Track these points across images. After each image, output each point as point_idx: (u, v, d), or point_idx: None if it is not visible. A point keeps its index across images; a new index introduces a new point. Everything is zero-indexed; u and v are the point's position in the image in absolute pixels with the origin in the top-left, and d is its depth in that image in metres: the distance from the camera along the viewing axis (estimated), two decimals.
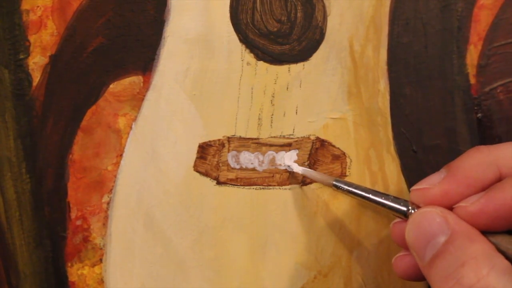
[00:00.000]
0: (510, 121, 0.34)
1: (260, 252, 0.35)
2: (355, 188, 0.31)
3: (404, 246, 0.30)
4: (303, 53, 0.35)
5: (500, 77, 0.34)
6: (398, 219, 0.30)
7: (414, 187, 0.29)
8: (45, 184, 0.36)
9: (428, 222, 0.26)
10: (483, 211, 0.26)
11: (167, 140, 0.35)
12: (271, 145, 0.35)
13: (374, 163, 0.35)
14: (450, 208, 0.27)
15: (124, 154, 0.36)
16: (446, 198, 0.27)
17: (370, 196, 0.30)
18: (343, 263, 0.35)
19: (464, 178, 0.27)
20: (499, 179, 0.27)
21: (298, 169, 0.34)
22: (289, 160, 0.35)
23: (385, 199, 0.30)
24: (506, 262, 0.24)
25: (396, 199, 0.29)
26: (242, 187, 0.35)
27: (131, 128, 0.36)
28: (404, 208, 0.29)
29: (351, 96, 0.35)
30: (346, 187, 0.31)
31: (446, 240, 0.25)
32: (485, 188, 0.27)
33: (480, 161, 0.28)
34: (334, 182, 0.32)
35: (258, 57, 0.35)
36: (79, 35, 0.36)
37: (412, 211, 0.28)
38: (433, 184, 0.28)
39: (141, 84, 0.36)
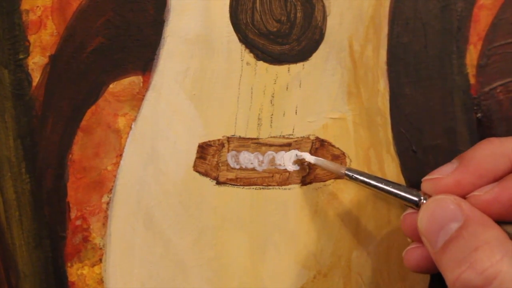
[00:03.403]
0: (510, 121, 0.34)
1: (260, 252, 0.35)
2: (367, 178, 0.31)
3: (414, 237, 0.30)
4: (303, 53, 0.35)
5: (499, 77, 0.34)
6: (409, 211, 0.30)
7: (426, 177, 0.29)
8: (45, 184, 0.36)
9: (442, 209, 0.26)
10: (497, 200, 0.26)
11: (166, 140, 0.36)
12: (270, 145, 0.35)
13: (374, 163, 0.35)
14: (463, 198, 0.27)
15: (123, 154, 0.36)
16: (458, 188, 0.28)
17: (382, 185, 0.30)
18: (343, 263, 0.35)
19: (476, 169, 0.28)
20: (511, 170, 0.27)
21: (310, 158, 0.34)
22: (292, 157, 0.35)
23: (397, 189, 0.30)
24: None
25: (408, 189, 0.29)
26: (242, 187, 0.35)
27: (130, 128, 0.36)
28: (416, 198, 0.29)
29: (351, 96, 0.35)
30: (358, 176, 0.31)
31: (460, 226, 0.25)
32: (497, 179, 0.27)
33: (492, 152, 0.28)
34: (346, 172, 0.31)
35: (258, 57, 0.35)
36: (79, 35, 0.36)
37: (424, 201, 0.28)
38: (445, 174, 0.28)
39: (141, 84, 0.36)
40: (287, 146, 0.35)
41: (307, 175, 0.35)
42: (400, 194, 0.30)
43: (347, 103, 0.35)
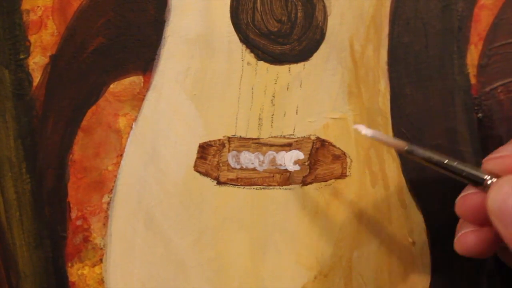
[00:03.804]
0: (510, 121, 0.34)
1: (260, 252, 0.35)
2: (430, 154, 0.29)
3: (472, 219, 0.29)
4: (304, 53, 0.35)
5: (500, 77, 0.34)
6: (470, 190, 0.29)
7: (489, 157, 0.28)
8: (46, 184, 0.36)
9: None
10: None
11: (167, 140, 0.36)
12: (271, 145, 0.35)
13: (375, 163, 0.35)
14: None
15: (124, 154, 0.36)
16: None
17: (446, 162, 0.28)
18: (344, 263, 0.35)
19: None
20: None
21: (367, 131, 0.30)
22: (292, 157, 0.35)
23: (462, 166, 0.28)
24: None
25: (473, 167, 0.28)
26: (243, 187, 0.35)
27: (131, 128, 0.36)
28: (484, 177, 0.27)
29: (352, 96, 0.35)
30: (420, 152, 0.29)
31: None
32: None
33: None
34: (407, 148, 0.29)
35: (259, 57, 0.35)
36: (79, 35, 0.36)
37: (491, 181, 0.27)
38: (510, 152, 0.27)
39: (142, 84, 0.36)
40: (288, 146, 0.35)
41: (307, 175, 0.35)
42: (465, 172, 0.28)
43: (348, 103, 0.35)
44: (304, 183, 0.35)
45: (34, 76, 0.36)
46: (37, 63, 0.36)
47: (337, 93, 0.35)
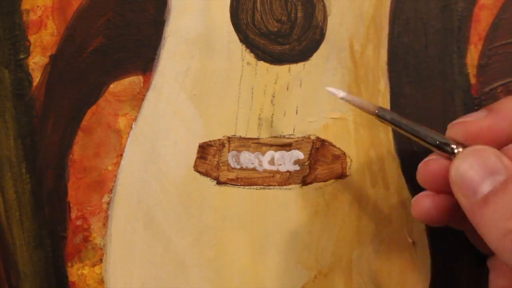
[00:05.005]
0: None
1: (260, 252, 0.35)
2: (398, 119, 0.29)
3: (430, 185, 0.29)
4: (304, 53, 0.35)
5: (500, 77, 0.34)
6: (433, 157, 0.29)
7: (455, 121, 0.27)
8: (45, 184, 0.36)
9: (484, 159, 0.25)
10: None
11: (167, 140, 0.36)
12: (271, 145, 0.35)
13: (375, 163, 0.35)
14: (496, 147, 0.26)
15: (124, 154, 0.36)
16: (491, 134, 0.26)
17: (413, 128, 0.29)
18: (344, 263, 0.35)
19: (507, 116, 0.26)
20: None
21: (339, 92, 0.31)
22: (292, 157, 0.35)
23: (429, 132, 0.28)
24: None
25: (441, 135, 0.28)
26: (242, 187, 0.35)
27: (131, 128, 0.36)
28: (450, 145, 0.27)
29: None
30: (389, 116, 0.30)
31: (505, 179, 0.24)
32: None
33: None
34: (377, 111, 0.30)
35: (259, 57, 0.35)
36: (79, 35, 0.36)
37: (459, 149, 0.27)
38: (478, 118, 0.27)
39: (141, 84, 0.36)
40: (288, 146, 0.35)
41: (307, 175, 0.35)
42: (431, 138, 0.28)
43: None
44: (304, 183, 0.35)
45: (34, 76, 0.36)
46: (37, 63, 0.36)
47: None
